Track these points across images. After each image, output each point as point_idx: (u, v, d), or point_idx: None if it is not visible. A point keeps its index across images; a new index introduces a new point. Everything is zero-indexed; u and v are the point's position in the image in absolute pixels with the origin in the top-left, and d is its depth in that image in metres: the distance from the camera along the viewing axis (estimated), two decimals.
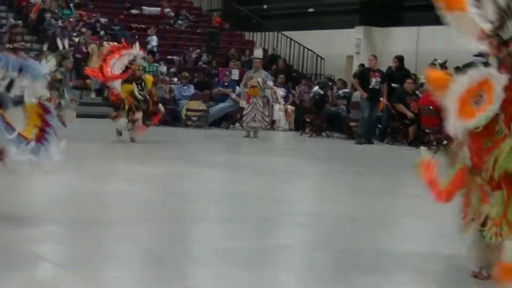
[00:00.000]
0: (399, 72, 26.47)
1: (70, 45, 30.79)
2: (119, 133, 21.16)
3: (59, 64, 22.15)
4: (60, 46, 23.46)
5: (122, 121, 20.50)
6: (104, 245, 9.39)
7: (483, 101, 7.25)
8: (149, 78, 22.07)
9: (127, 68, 20.52)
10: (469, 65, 24.27)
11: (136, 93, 20.63)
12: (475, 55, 24.32)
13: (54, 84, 21.73)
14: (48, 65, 21.65)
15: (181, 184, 15.12)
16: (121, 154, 19.70)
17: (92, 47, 29.97)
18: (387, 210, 13.17)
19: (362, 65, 29.07)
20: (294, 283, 8.09)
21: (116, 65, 20.42)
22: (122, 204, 12.65)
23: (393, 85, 25.74)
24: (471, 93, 7.34)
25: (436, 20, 24.07)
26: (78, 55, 30.21)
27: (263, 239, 10.22)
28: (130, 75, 20.67)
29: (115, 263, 8.51)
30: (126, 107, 20.48)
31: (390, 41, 32.41)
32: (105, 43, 26.51)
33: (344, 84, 29.86)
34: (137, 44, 22.04)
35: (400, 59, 26.73)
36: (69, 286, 7.51)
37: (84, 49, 31.07)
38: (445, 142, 7.58)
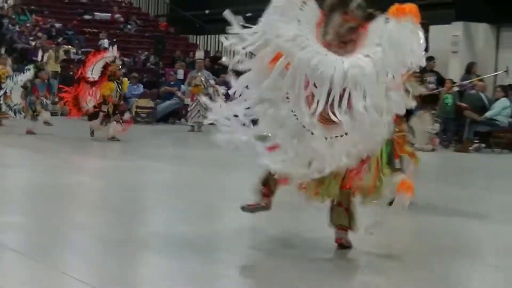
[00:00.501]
0: None
1: (25, 49, 30.72)
2: (92, 132, 21.17)
3: (35, 75, 22.06)
4: (39, 58, 23.53)
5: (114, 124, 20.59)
6: (62, 233, 9.37)
7: None
8: (125, 80, 22.17)
9: (104, 70, 20.54)
10: None
11: (116, 92, 20.72)
12: None
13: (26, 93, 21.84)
14: (26, 74, 21.79)
15: (133, 176, 15.08)
16: (79, 149, 19.57)
17: (50, 52, 29.78)
18: None
19: None
20: (240, 264, 8.13)
21: (94, 70, 20.52)
22: (78, 195, 12.64)
23: None
24: None
25: None
26: (34, 58, 30.08)
27: (211, 224, 10.25)
28: (112, 74, 20.71)
29: (72, 249, 8.50)
30: (107, 108, 20.58)
31: None
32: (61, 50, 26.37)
33: None
34: (115, 47, 22.12)
35: None
36: (30, 272, 7.51)
37: (40, 52, 30.89)
38: None
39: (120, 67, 21.89)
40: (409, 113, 10.11)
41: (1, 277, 7.22)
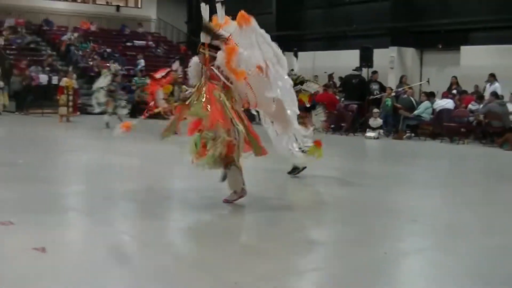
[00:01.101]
0: None
1: (85, 67, 30.65)
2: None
3: (112, 80, 22.14)
4: (112, 69, 23.38)
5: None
6: (111, 198, 9.39)
7: None
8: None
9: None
10: (348, 76, 24.65)
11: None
12: (353, 69, 24.55)
13: (110, 93, 21.89)
14: (105, 79, 21.87)
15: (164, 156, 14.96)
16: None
17: (104, 70, 29.81)
18: None
19: None
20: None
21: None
22: (121, 170, 12.56)
23: None
24: None
25: (330, 45, 23.65)
26: (92, 74, 30.04)
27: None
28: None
29: (119, 210, 8.53)
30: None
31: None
32: (112, 65, 26.21)
33: None
34: (177, 62, 22.25)
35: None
36: (86, 226, 7.57)
37: (96, 69, 30.82)
38: None
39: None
40: (312, 108, 11.41)
41: (66, 230, 7.29)
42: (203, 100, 8.13)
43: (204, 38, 8.46)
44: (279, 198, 9.95)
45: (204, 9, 8.41)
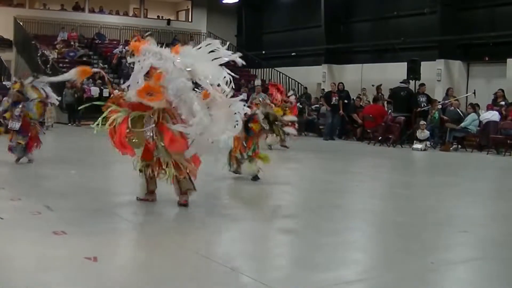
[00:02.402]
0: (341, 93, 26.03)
1: None
2: None
3: None
4: None
5: None
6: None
7: None
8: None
9: None
10: (396, 88, 24.51)
11: None
12: (400, 82, 24.41)
13: None
14: None
15: None
16: None
17: None
18: None
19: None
20: None
21: None
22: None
23: (345, 101, 25.61)
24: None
25: (378, 58, 23.71)
26: None
27: None
28: None
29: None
30: None
31: (343, 74, 32.33)
32: None
33: (316, 101, 29.73)
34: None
35: (341, 85, 26.29)
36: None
37: None
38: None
39: None
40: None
41: (118, 240, 7.32)
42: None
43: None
44: (327, 206, 9.90)
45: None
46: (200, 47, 8.76)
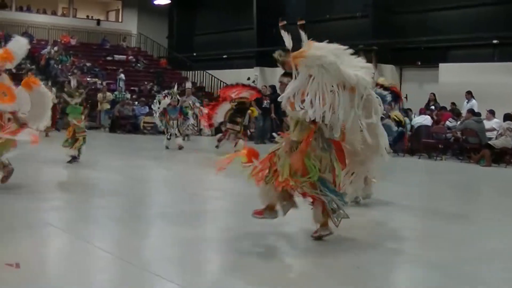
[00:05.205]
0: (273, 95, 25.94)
1: (64, 82, 30.47)
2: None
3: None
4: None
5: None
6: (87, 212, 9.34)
7: None
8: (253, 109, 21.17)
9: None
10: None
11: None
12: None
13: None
14: (165, 101, 20.55)
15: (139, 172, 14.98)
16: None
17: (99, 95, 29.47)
18: None
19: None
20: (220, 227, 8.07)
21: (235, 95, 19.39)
22: (98, 185, 12.51)
23: (277, 104, 25.56)
24: None
25: None
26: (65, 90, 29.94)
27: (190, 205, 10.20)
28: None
29: (96, 224, 8.47)
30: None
31: (275, 76, 32.35)
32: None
33: None
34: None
35: (273, 87, 26.21)
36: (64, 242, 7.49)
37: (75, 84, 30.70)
38: None
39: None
40: None
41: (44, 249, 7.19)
42: None
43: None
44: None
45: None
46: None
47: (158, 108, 20.82)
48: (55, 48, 35.40)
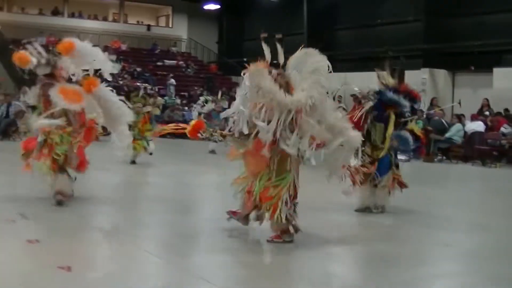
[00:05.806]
0: None
1: (115, 86, 30.69)
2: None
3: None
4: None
5: None
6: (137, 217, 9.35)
7: None
8: None
9: None
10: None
11: None
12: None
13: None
14: (208, 106, 21.39)
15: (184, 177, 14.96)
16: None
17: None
18: None
19: None
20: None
21: None
22: (150, 189, 12.54)
23: None
24: None
25: (361, 67, 23.30)
26: (122, 93, 30.12)
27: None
28: None
29: (148, 228, 8.46)
30: None
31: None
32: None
33: None
34: None
35: None
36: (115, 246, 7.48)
37: (125, 89, 30.91)
38: None
39: None
40: None
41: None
42: None
43: None
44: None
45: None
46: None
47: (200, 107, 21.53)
48: (106, 53, 35.65)
